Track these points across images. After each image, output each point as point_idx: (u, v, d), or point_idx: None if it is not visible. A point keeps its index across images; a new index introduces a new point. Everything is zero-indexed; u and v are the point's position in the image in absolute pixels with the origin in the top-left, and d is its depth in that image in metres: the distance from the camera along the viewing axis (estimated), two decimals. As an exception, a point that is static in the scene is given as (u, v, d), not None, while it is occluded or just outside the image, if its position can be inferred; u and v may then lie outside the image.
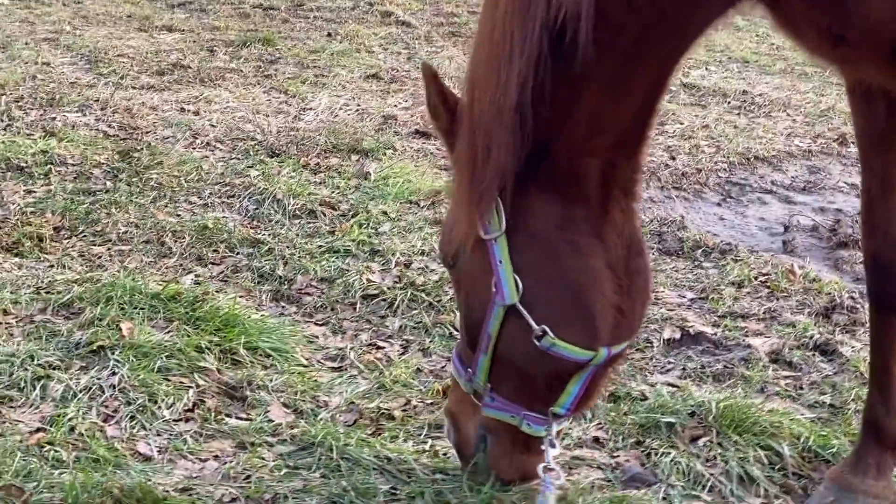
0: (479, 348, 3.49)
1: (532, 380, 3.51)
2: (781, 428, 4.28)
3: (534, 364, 3.46)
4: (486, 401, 3.55)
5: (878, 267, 3.77)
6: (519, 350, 3.45)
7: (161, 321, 5.20)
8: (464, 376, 3.60)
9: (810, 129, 9.13)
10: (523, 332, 3.39)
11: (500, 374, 3.51)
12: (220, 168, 7.60)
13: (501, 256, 3.37)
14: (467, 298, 3.57)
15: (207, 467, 4.14)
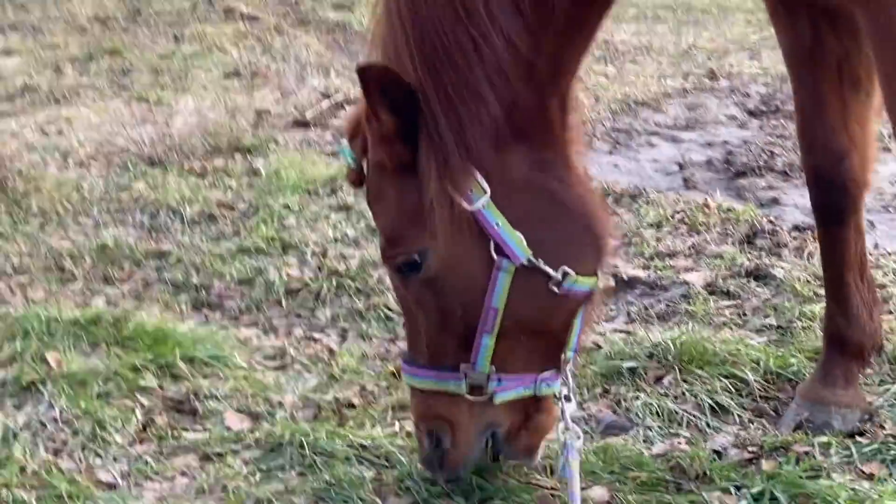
0: (482, 330, 3.30)
1: (546, 334, 3.41)
2: (740, 356, 4.33)
3: (551, 315, 3.38)
4: (493, 387, 3.37)
5: (820, 182, 3.83)
6: (536, 307, 3.34)
7: (86, 347, 4.98)
8: (452, 377, 3.38)
9: (677, 68, 9.30)
10: (539, 286, 3.30)
11: (508, 349, 3.35)
12: (102, 185, 7.33)
13: (497, 219, 3.25)
14: (453, 287, 3.32)
15: (177, 485, 3.98)
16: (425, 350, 3.44)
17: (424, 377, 3.44)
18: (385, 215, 3.40)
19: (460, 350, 3.38)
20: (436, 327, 3.39)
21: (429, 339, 3.42)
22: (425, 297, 3.36)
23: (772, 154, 6.89)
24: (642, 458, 3.80)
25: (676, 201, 6.15)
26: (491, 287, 3.28)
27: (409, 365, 3.50)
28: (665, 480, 3.68)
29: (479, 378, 3.37)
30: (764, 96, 8.55)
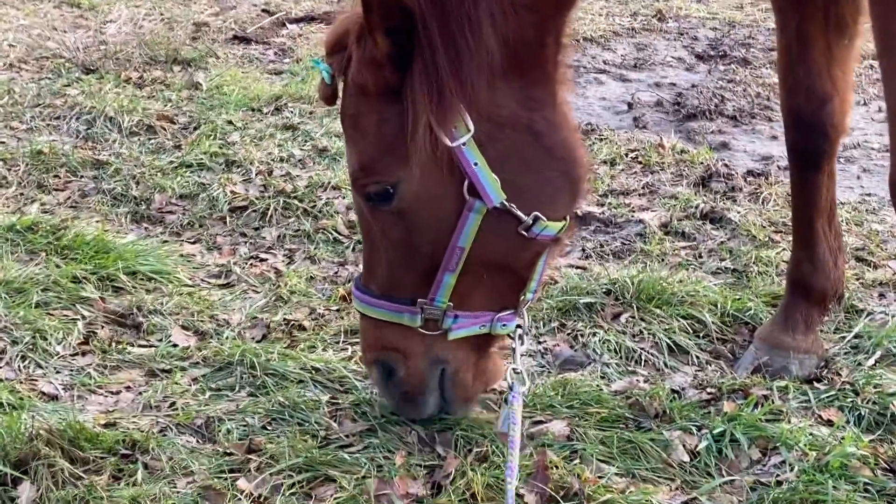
0: (444, 268, 3.23)
1: (508, 276, 3.34)
2: (697, 297, 4.33)
3: (515, 258, 3.31)
4: (449, 323, 3.32)
5: (801, 125, 3.80)
6: (502, 249, 3.27)
7: (23, 254, 4.80)
8: (407, 310, 3.32)
9: (625, 7, 9.22)
10: (508, 229, 3.23)
11: (468, 287, 3.28)
12: (34, 89, 7.05)
13: (476, 158, 3.14)
14: (421, 222, 3.24)
15: (122, 399, 3.85)
16: (382, 280, 3.36)
17: (378, 307, 3.36)
18: (361, 140, 3.27)
19: (419, 284, 3.30)
20: (398, 259, 3.32)
21: (388, 269, 3.34)
22: (391, 228, 3.28)
23: (722, 98, 6.87)
24: (601, 394, 3.77)
25: (629, 140, 6.10)
26: (460, 226, 3.20)
27: (362, 292, 3.41)
28: (625, 417, 3.66)
29: (435, 313, 3.31)
30: (712, 41, 8.52)
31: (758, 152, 6.14)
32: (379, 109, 3.18)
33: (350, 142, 3.33)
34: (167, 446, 3.46)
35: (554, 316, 4.33)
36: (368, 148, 3.25)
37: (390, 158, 3.19)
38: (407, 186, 3.20)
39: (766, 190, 5.42)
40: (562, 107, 3.28)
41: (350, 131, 3.31)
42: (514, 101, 3.17)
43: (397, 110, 3.13)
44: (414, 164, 3.15)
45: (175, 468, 3.36)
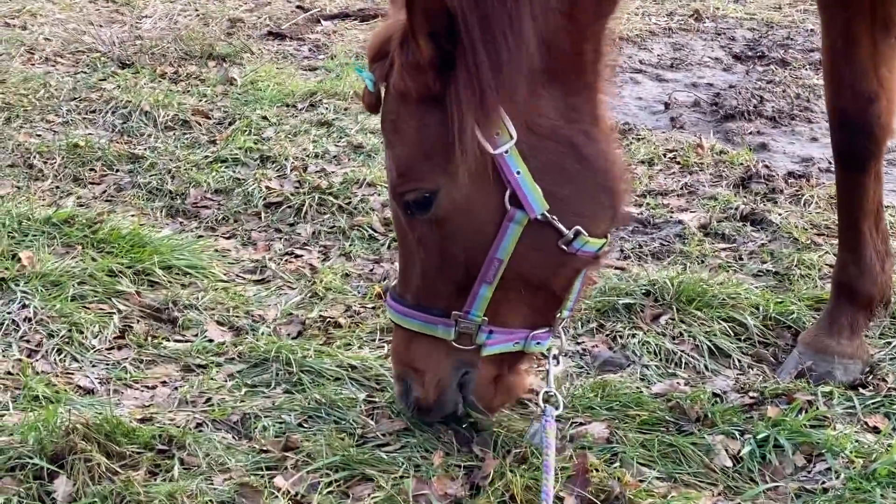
0: (482, 279, 3.17)
1: (546, 292, 3.28)
2: (738, 299, 4.26)
3: (554, 273, 3.25)
4: (483, 338, 3.25)
5: (846, 126, 3.73)
6: (541, 264, 3.21)
7: (59, 247, 4.79)
8: (441, 322, 3.26)
9: (661, 7, 9.15)
10: (549, 242, 3.17)
11: (505, 302, 3.22)
12: (70, 83, 7.06)
13: (519, 167, 3.09)
14: (459, 232, 3.18)
15: (158, 394, 3.83)
16: (417, 290, 3.30)
17: (412, 317, 3.30)
18: (401, 147, 3.21)
19: (455, 296, 3.24)
20: (434, 269, 3.26)
21: (423, 279, 3.28)
22: (429, 236, 3.22)
23: (761, 99, 6.80)
24: (641, 396, 3.72)
25: (667, 140, 6.04)
26: (500, 237, 3.15)
27: (396, 302, 3.35)
28: (665, 420, 3.60)
29: (469, 327, 3.25)
30: (750, 41, 8.43)
31: (798, 154, 6.06)
32: (420, 115, 3.14)
33: (390, 148, 3.28)
34: (203, 442, 3.43)
35: (593, 317, 4.28)
36: (408, 154, 3.19)
37: (430, 165, 3.14)
38: (446, 194, 3.15)
39: (808, 192, 5.35)
40: (602, 119, 3.23)
41: (390, 137, 3.26)
42: (556, 111, 3.12)
43: (439, 117, 3.08)
44: (455, 172, 3.10)
45: (211, 464, 3.33)
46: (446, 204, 3.15)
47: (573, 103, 3.15)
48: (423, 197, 3.16)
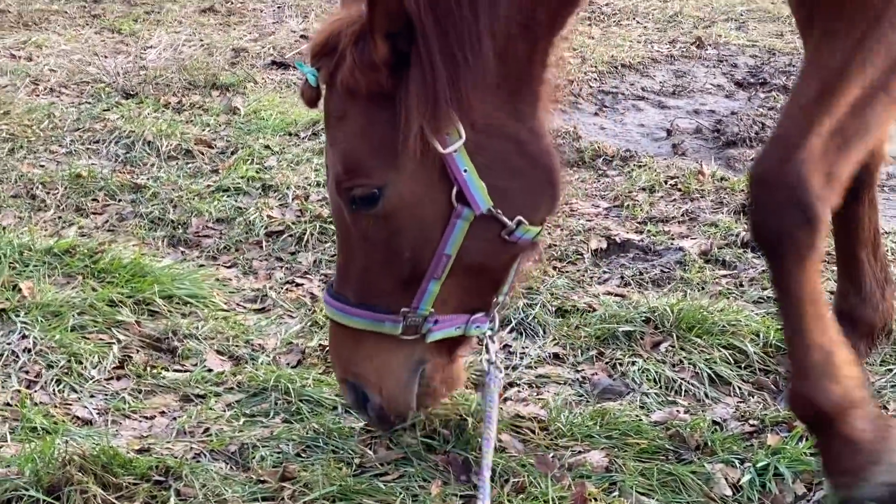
0: (430, 275, 3.25)
1: (487, 280, 3.37)
2: (739, 326, 4.25)
3: (497, 262, 3.34)
4: (429, 327, 3.32)
5: None
6: (485, 254, 3.29)
7: (60, 277, 4.79)
8: (388, 319, 3.30)
9: (664, 34, 9.17)
10: (493, 234, 3.25)
11: (450, 292, 3.30)
12: (74, 114, 7.09)
13: (466, 165, 3.17)
14: (407, 229, 3.23)
15: (157, 424, 3.83)
16: (360, 287, 3.33)
17: (357, 315, 3.32)
18: (347, 142, 3.24)
19: (402, 292, 3.29)
20: (379, 266, 3.29)
21: (368, 276, 3.32)
22: (374, 233, 3.26)
23: (763, 126, 6.79)
24: (640, 424, 3.70)
25: (669, 167, 6.04)
26: (447, 234, 3.22)
27: (337, 300, 3.35)
28: (665, 449, 3.58)
29: (416, 320, 3.31)
30: (752, 68, 8.44)
31: (800, 180, 6.05)
32: (368, 112, 3.17)
33: (334, 144, 3.29)
34: (200, 473, 3.42)
35: (592, 344, 4.27)
36: (355, 150, 3.23)
37: (377, 161, 3.19)
38: (393, 191, 3.19)
39: (809, 218, 5.33)
40: (543, 118, 3.29)
41: (335, 133, 3.27)
42: (504, 112, 3.19)
43: (388, 114, 3.12)
44: (402, 169, 3.16)
45: (208, 495, 3.32)
46: (393, 200, 3.20)
47: (521, 105, 3.22)
48: (371, 193, 3.20)
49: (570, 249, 5.10)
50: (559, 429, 3.68)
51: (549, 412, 3.78)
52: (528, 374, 4.11)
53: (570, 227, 5.32)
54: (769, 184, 3.03)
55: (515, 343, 4.32)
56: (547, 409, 3.80)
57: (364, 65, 3.08)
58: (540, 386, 4.05)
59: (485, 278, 3.37)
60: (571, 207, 5.56)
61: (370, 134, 3.20)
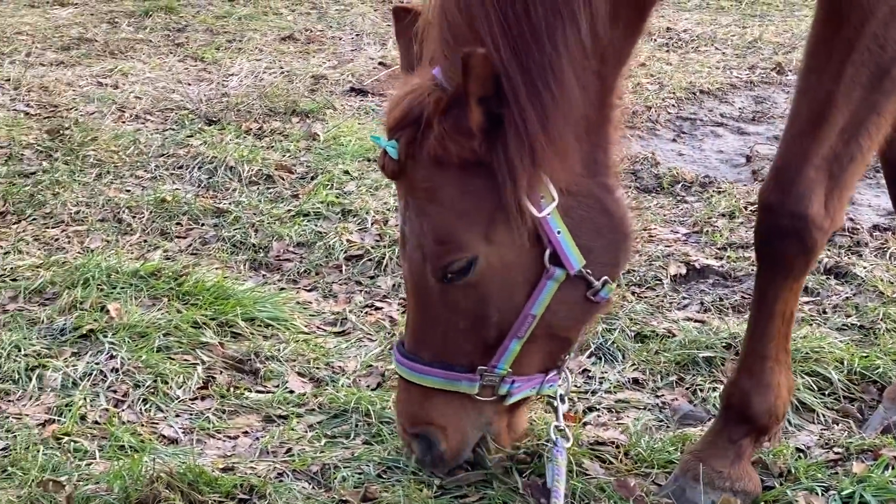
0: (513, 335, 3.22)
1: (565, 338, 3.35)
2: (823, 353, 4.21)
3: (580, 320, 3.34)
4: (505, 389, 3.30)
5: None
6: (571, 313, 3.28)
7: (146, 299, 4.90)
8: (465, 378, 3.28)
9: (743, 60, 9.11)
10: (579, 293, 3.23)
11: (528, 352, 3.27)
12: (159, 140, 7.23)
13: (559, 226, 3.14)
14: (491, 295, 3.19)
15: (240, 444, 3.89)
16: (438, 347, 3.29)
17: (432, 374, 3.29)
18: (438, 214, 3.15)
19: (481, 351, 3.27)
20: (460, 327, 3.25)
21: (448, 337, 3.28)
22: (461, 300, 3.21)
23: (844, 152, 6.70)
24: (722, 450, 3.67)
25: (749, 193, 5.99)
26: (536, 295, 3.20)
27: (409, 360, 3.32)
28: (747, 475, 3.54)
29: (493, 379, 3.28)
30: (833, 94, 8.35)
31: (883, 207, 5.97)
32: (459, 182, 3.11)
33: (424, 217, 3.18)
34: (283, 492, 3.47)
35: (672, 370, 4.26)
36: (448, 222, 3.15)
37: (472, 232, 3.13)
38: (486, 258, 3.15)
39: (893, 245, 5.27)
40: (614, 168, 3.28)
41: (424, 206, 3.18)
42: (582, 166, 3.16)
43: (479, 182, 3.08)
44: (496, 236, 3.13)
45: (291, 514, 3.37)
46: (484, 267, 3.16)
47: (597, 156, 3.20)
48: (467, 263, 3.15)
49: (649, 275, 5.09)
50: (639, 454, 3.67)
51: (629, 437, 3.78)
52: (608, 399, 4.11)
53: (649, 252, 5.31)
54: (773, 211, 3.23)
55: (595, 368, 4.32)
56: (627, 434, 3.80)
57: (457, 133, 3.02)
58: (619, 411, 4.05)
59: (563, 338, 3.36)
60: (650, 233, 5.54)
61: (463, 204, 3.14)
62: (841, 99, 3.11)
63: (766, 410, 3.41)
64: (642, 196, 6.10)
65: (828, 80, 3.12)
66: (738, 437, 3.42)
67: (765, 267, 3.33)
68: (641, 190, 6.21)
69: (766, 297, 3.34)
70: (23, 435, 3.81)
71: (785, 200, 3.19)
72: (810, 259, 3.28)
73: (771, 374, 3.39)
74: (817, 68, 3.17)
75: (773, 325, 3.35)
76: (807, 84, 3.22)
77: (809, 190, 3.16)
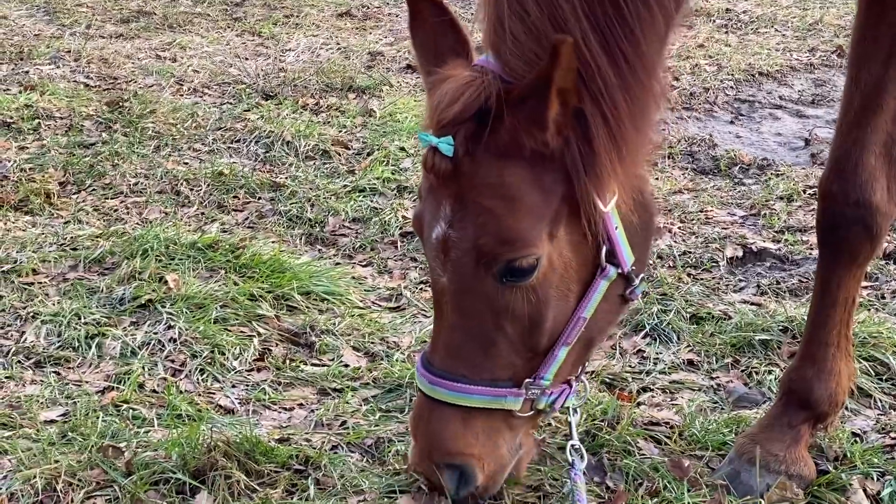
0: (563, 342, 3.02)
1: (595, 342, 3.20)
2: (881, 338, 4.17)
3: (613, 322, 3.24)
4: (545, 401, 3.09)
5: None
6: (608, 314, 3.13)
7: (203, 271, 4.94)
8: (511, 393, 3.03)
9: (803, 42, 9.02)
10: (618, 292, 3.09)
11: (569, 360, 3.08)
12: (217, 113, 7.29)
13: (618, 222, 2.99)
14: (548, 298, 2.97)
15: (295, 416, 3.93)
16: (481, 362, 3.02)
17: (476, 394, 3.01)
18: (504, 211, 2.91)
19: (528, 363, 3.05)
20: (511, 338, 3.01)
21: (494, 349, 3.01)
22: (515, 303, 2.96)
23: (905, 137, 6.62)
24: (777, 433, 3.65)
25: (807, 176, 5.94)
26: (589, 296, 3.02)
27: (448, 379, 3.02)
28: (802, 459, 3.53)
29: (536, 392, 3.07)
30: (894, 78, 8.24)
31: (944, 192, 5.90)
32: (528, 176, 2.90)
33: (486, 213, 2.91)
34: (338, 464, 3.50)
35: (727, 352, 4.24)
36: (513, 218, 2.91)
37: (538, 227, 2.91)
38: (548, 257, 2.94)
39: (955, 231, 5.22)
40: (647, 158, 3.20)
41: (486, 203, 2.91)
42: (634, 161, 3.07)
43: (549, 177, 2.90)
44: (560, 233, 2.94)
45: (346, 486, 3.40)
46: (546, 267, 2.95)
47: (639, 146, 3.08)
48: (532, 264, 2.92)
49: (706, 257, 5.06)
50: (693, 435, 3.66)
51: (683, 418, 3.77)
52: (662, 380, 4.10)
53: (706, 234, 5.28)
54: (836, 201, 3.23)
55: (649, 349, 4.31)
56: (681, 415, 3.79)
57: (532, 124, 2.83)
58: (674, 392, 4.04)
59: (594, 342, 3.20)
60: (707, 215, 5.51)
61: (531, 199, 2.91)
62: (891, 85, 3.12)
63: (827, 397, 3.39)
64: (699, 178, 6.06)
65: (877, 66, 3.13)
66: (796, 422, 3.41)
67: (828, 255, 3.31)
68: (699, 172, 6.17)
69: (829, 284, 3.32)
70: (83, 401, 3.87)
71: (847, 189, 3.18)
72: (876, 246, 3.27)
73: (833, 361, 3.38)
74: (865, 55, 3.16)
75: (835, 313, 3.34)
76: (857, 72, 3.21)
77: (871, 177, 3.16)
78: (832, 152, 3.29)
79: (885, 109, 3.13)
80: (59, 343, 4.34)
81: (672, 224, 5.45)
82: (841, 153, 3.23)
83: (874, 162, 3.16)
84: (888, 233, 5.10)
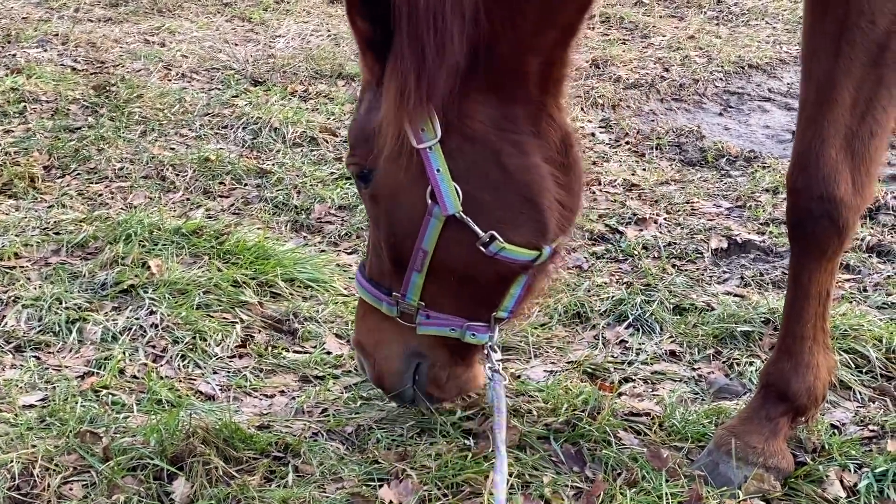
0: (412, 266, 3.32)
1: (474, 288, 3.38)
2: (861, 331, 4.17)
3: (478, 272, 3.34)
4: (421, 319, 3.40)
5: None
6: (462, 260, 3.31)
7: (187, 257, 4.93)
8: (385, 300, 3.43)
9: (793, 35, 9.00)
10: (467, 241, 3.26)
11: (438, 289, 3.35)
12: (204, 99, 7.26)
13: (439, 164, 3.19)
14: (390, 215, 3.34)
15: (276, 403, 3.92)
16: (370, 264, 3.49)
17: (366, 290, 3.48)
18: (353, 122, 3.39)
19: (395, 277, 3.40)
20: (378, 246, 3.43)
21: (373, 254, 3.47)
22: (372, 211, 3.41)
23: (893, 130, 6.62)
24: (756, 425, 3.66)
25: (794, 168, 5.93)
26: (422, 229, 3.27)
27: (360, 273, 3.53)
28: (781, 450, 3.53)
29: (409, 308, 3.39)
30: (883, 71, 8.24)
31: (930, 186, 5.92)
32: (368, 97, 3.29)
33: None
34: (318, 451, 3.50)
35: (709, 343, 4.24)
36: (355, 130, 3.36)
37: (367, 145, 3.28)
38: (379, 174, 3.29)
39: (938, 224, 5.23)
40: (543, 133, 3.26)
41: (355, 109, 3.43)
42: (488, 118, 3.19)
43: (373, 94, 3.25)
44: (385, 155, 3.22)
45: (325, 473, 3.39)
46: (380, 185, 3.31)
47: (509, 113, 3.21)
48: (362, 171, 3.34)
49: (690, 248, 5.06)
50: (673, 426, 3.66)
51: (663, 409, 3.77)
52: (644, 371, 4.10)
53: (691, 225, 5.28)
54: (801, 195, 3.26)
55: (632, 339, 4.32)
56: (662, 406, 3.79)
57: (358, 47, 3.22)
58: (655, 382, 4.04)
59: (472, 286, 3.39)
60: (692, 206, 5.51)
61: (366, 118, 3.30)
62: (842, 78, 3.11)
63: (805, 390, 3.40)
64: (686, 169, 6.06)
65: (826, 61, 3.13)
66: (775, 415, 3.42)
67: (798, 250, 3.34)
68: (686, 163, 6.17)
69: (801, 278, 3.34)
70: (62, 386, 3.86)
71: (811, 184, 3.20)
72: (844, 239, 3.26)
73: (810, 354, 3.39)
74: (815, 51, 3.17)
75: (809, 306, 3.35)
76: (808, 68, 3.22)
77: (834, 171, 3.17)
78: (794, 148, 3.30)
79: (840, 103, 3.12)
80: (40, 327, 4.33)
81: (658, 215, 5.45)
82: (802, 148, 3.23)
83: (835, 156, 3.16)
84: (870, 226, 5.15)
